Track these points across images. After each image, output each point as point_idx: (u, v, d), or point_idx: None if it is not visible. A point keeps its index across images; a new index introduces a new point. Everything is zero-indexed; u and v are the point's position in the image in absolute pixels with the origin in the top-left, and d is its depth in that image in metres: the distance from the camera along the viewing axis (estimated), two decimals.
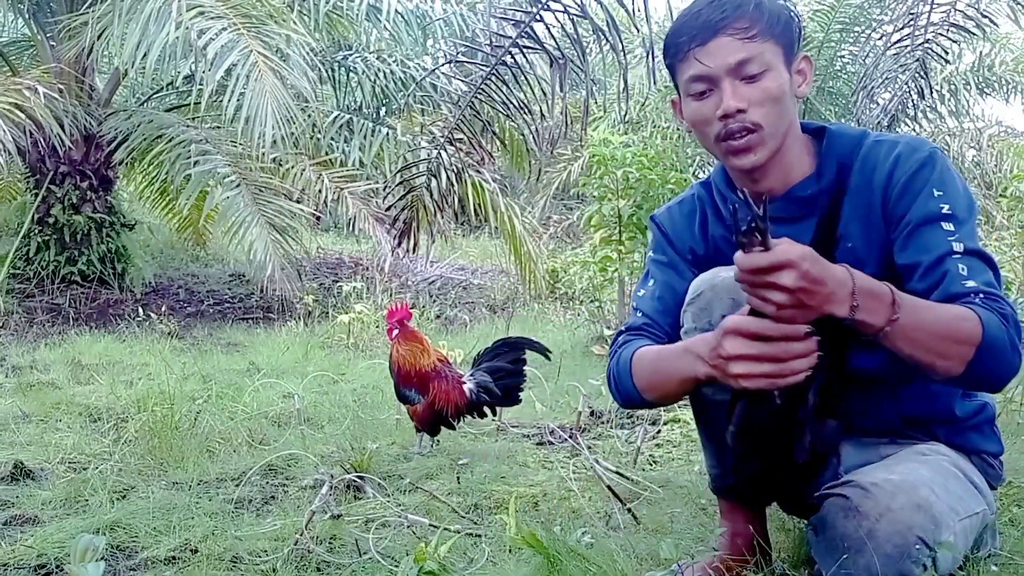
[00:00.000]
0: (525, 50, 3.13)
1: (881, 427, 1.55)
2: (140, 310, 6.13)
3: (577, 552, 1.54)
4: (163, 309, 6.27)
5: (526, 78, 3.21)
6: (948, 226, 1.36)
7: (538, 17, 3.03)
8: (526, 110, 3.29)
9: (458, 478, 2.40)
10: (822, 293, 1.19)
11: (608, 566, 1.52)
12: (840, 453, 1.44)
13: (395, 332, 2.78)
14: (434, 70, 7.08)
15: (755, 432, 1.36)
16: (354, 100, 7.88)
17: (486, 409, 2.72)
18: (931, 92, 5.64)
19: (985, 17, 4.33)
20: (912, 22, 4.07)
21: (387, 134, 7.12)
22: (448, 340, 5.01)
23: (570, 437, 2.75)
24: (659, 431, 2.81)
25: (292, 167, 6.65)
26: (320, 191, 6.63)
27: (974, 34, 4.39)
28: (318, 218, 9.32)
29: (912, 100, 4.56)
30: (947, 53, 4.24)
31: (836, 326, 1.24)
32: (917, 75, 4.29)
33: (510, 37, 3.10)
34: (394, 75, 7.48)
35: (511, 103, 3.26)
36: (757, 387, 1.24)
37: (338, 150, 7.01)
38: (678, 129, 7.42)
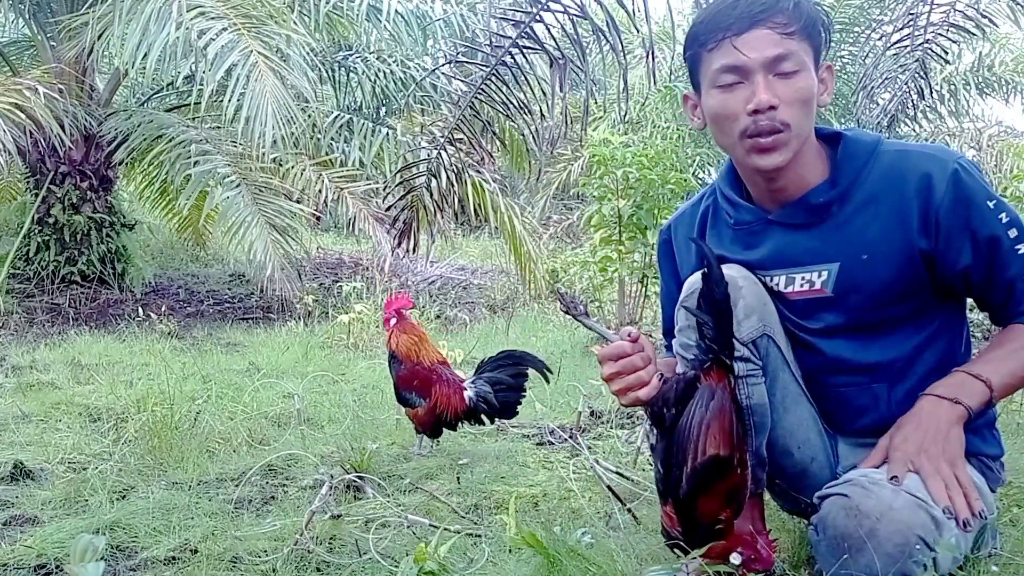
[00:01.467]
0: (525, 50, 3.12)
1: (879, 427, 1.55)
2: (140, 310, 6.13)
3: (577, 552, 1.53)
4: (163, 309, 6.26)
5: (526, 78, 3.21)
6: (1012, 233, 1.43)
7: (538, 17, 3.03)
8: (526, 110, 3.29)
9: (458, 478, 2.40)
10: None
11: (608, 566, 1.52)
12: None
13: (392, 321, 2.77)
14: (434, 70, 7.08)
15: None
16: (354, 100, 7.87)
17: (483, 417, 2.72)
18: (931, 92, 5.64)
19: (985, 17, 4.33)
20: (912, 22, 4.06)
21: (387, 134, 7.12)
22: (448, 340, 5.01)
23: (570, 437, 2.75)
24: None
25: (292, 167, 6.65)
26: (320, 191, 6.63)
27: (974, 34, 4.38)
28: (318, 218, 9.32)
29: (912, 100, 4.55)
30: (947, 53, 4.23)
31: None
32: (917, 75, 4.29)
33: (510, 37, 3.10)
34: (394, 75, 7.48)
35: (511, 103, 3.26)
36: (628, 403, 1.40)
37: (338, 150, 7.00)
38: (678, 129, 7.42)
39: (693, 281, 1.53)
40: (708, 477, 1.34)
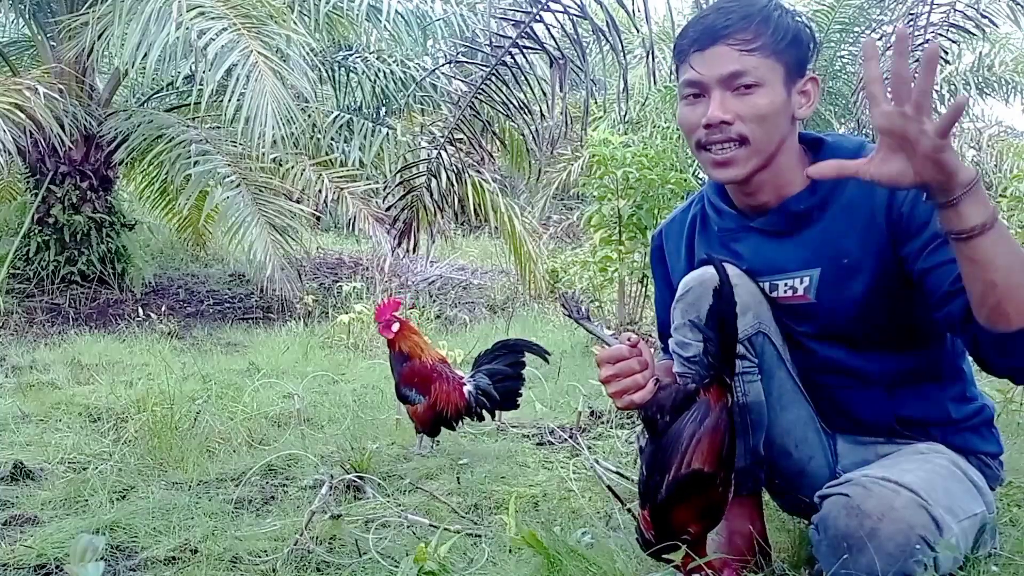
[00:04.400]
0: (525, 50, 3.13)
1: (877, 426, 1.55)
2: (140, 310, 6.13)
3: (577, 552, 1.54)
4: (163, 309, 6.26)
5: (526, 78, 3.22)
6: None
7: (538, 17, 3.03)
8: (526, 110, 3.30)
9: (458, 478, 2.40)
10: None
11: (608, 566, 1.52)
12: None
13: (394, 326, 2.77)
14: (434, 70, 7.08)
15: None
16: (354, 100, 7.87)
17: (484, 412, 2.72)
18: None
19: (985, 17, 4.34)
20: (912, 22, 4.06)
21: (387, 134, 7.12)
22: (448, 340, 5.01)
23: (570, 437, 2.75)
24: None
25: (292, 167, 6.65)
26: (320, 191, 6.63)
27: (974, 34, 4.39)
28: (318, 218, 9.31)
29: None
30: (947, 53, 4.24)
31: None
32: (917, 75, 4.29)
33: (510, 37, 3.11)
34: (394, 75, 7.48)
35: (511, 103, 3.26)
36: (624, 406, 1.40)
37: (338, 150, 7.00)
38: (678, 129, 7.41)
39: (688, 280, 1.54)
40: (688, 489, 1.35)
